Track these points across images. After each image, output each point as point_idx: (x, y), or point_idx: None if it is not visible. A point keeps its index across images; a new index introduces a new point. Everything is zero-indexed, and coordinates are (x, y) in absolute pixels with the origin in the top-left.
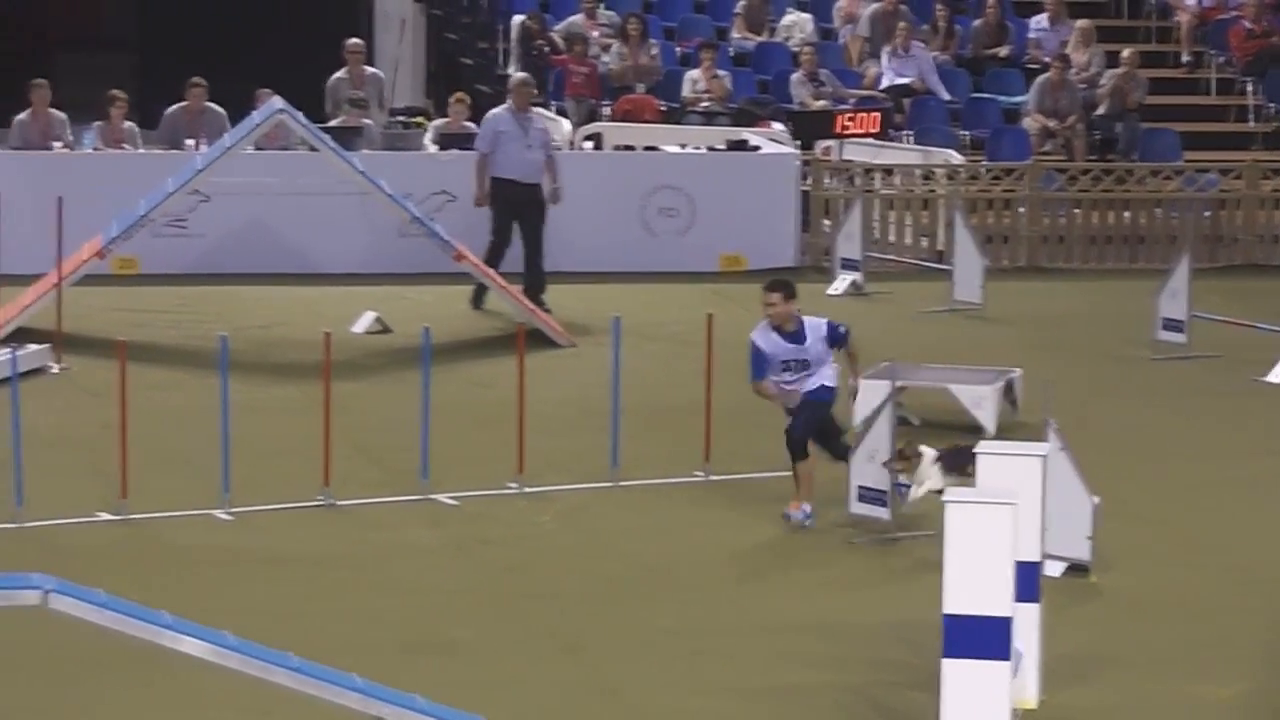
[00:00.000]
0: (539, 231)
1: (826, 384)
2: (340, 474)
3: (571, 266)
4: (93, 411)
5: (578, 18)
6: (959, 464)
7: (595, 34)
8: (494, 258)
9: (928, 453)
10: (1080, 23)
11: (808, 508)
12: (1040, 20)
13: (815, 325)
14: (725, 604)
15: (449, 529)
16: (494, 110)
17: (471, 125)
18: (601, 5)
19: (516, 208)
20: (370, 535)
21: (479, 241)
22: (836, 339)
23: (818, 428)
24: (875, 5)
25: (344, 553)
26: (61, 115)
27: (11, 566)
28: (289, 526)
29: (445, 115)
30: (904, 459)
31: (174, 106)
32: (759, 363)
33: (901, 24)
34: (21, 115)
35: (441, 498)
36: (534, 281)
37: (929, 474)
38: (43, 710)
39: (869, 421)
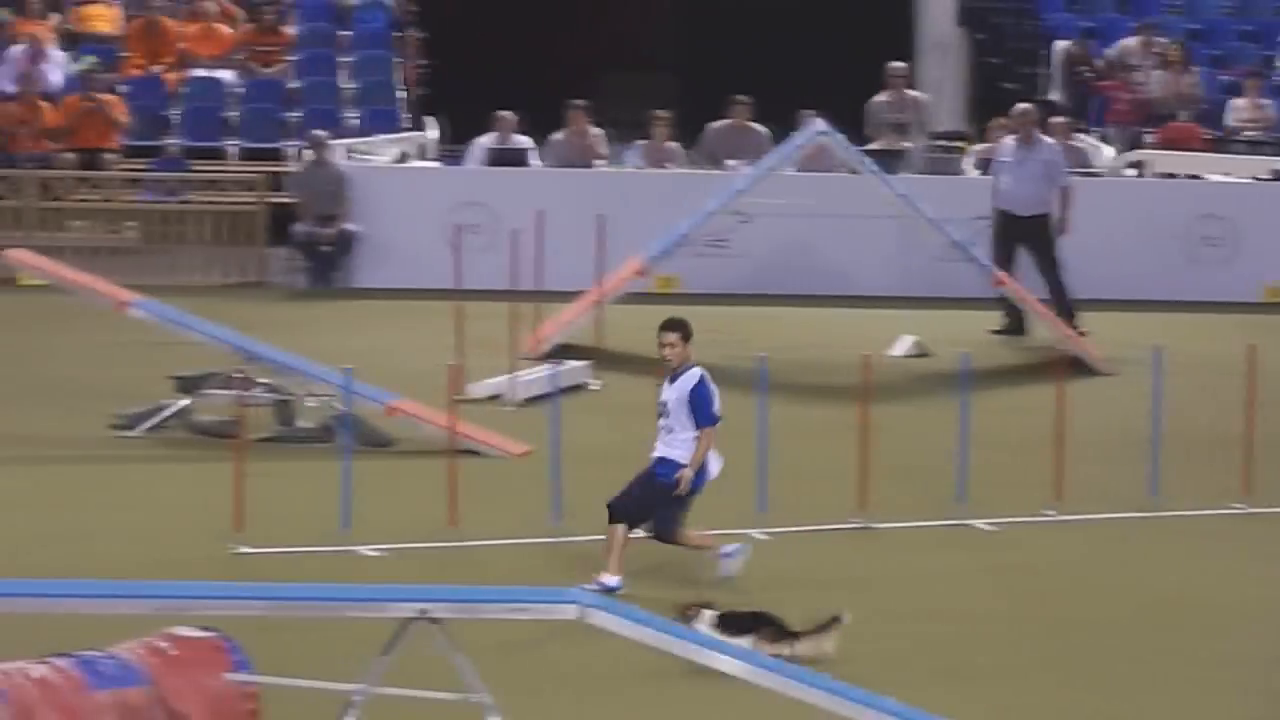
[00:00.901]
0: (1044, 262)
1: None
2: (876, 497)
3: (1112, 294)
4: (633, 429)
5: (1131, 41)
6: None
7: (1146, 62)
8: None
9: (706, 614)
10: None
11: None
12: None
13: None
14: (1256, 639)
15: (984, 554)
16: (1005, 139)
17: None
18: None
19: (1010, 239)
20: (905, 558)
21: (1022, 266)
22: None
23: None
24: None
25: (877, 575)
26: (600, 133)
27: (549, 580)
28: (824, 547)
29: (986, 140)
30: (684, 614)
31: (716, 123)
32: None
33: None
34: (558, 134)
35: (977, 523)
36: (1058, 310)
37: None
38: None
39: None
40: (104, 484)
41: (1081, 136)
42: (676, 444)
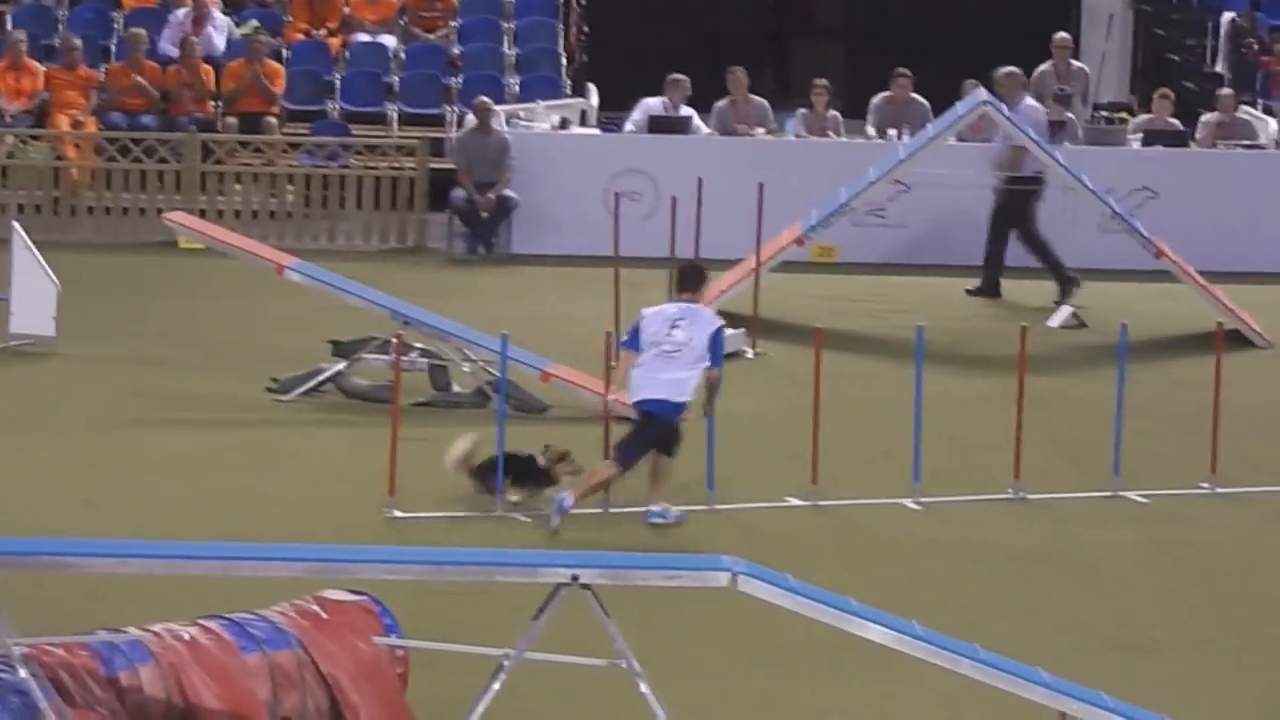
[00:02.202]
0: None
1: None
2: (1032, 468)
3: (1275, 267)
4: (788, 397)
5: None
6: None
7: None
8: None
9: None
10: None
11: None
12: None
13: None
14: None
15: (1143, 527)
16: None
17: (1175, 122)
18: None
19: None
20: (1062, 530)
21: (1182, 238)
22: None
23: None
24: None
25: (1034, 547)
26: (763, 102)
27: (702, 548)
28: (979, 518)
29: (1150, 111)
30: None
31: (879, 96)
32: None
33: None
34: (720, 102)
35: (1133, 495)
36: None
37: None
38: (731, 692)
39: None
40: (259, 448)
41: (1247, 109)
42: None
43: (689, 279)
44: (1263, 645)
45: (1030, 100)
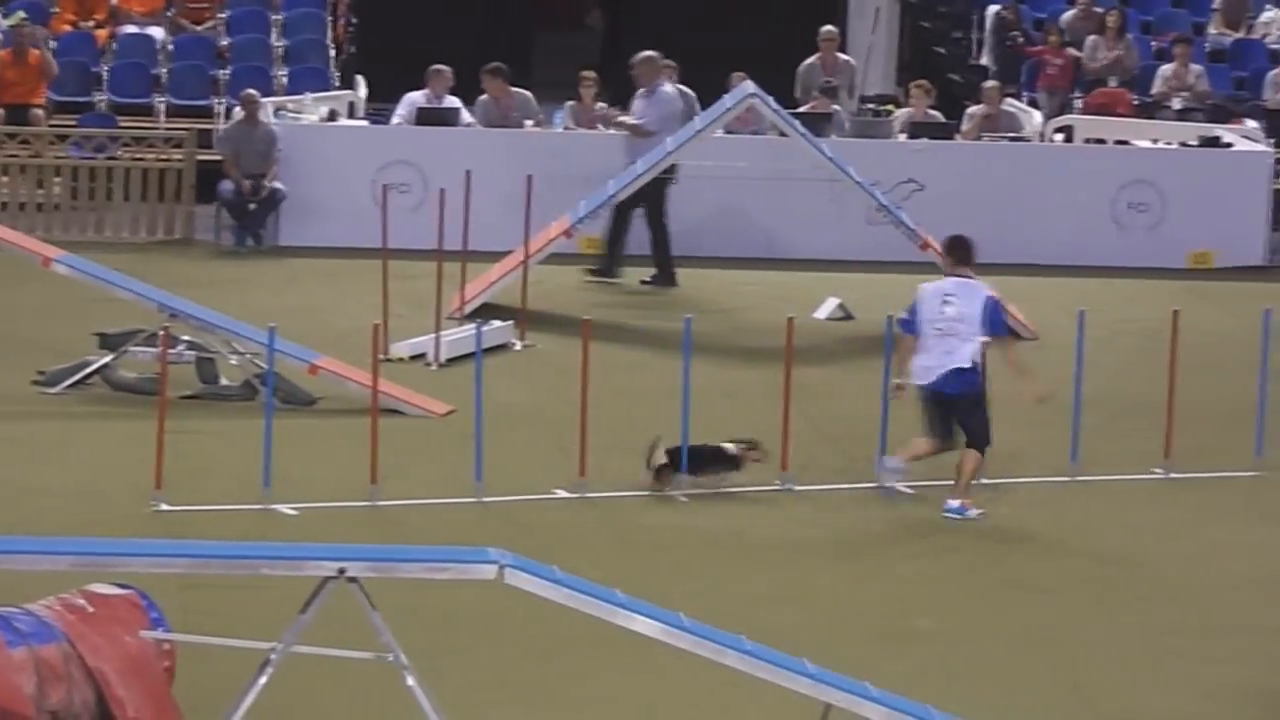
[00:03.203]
0: (652, 212)
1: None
2: (799, 459)
3: (1039, 259)
4: (556, 389)
5: (1069, 9)
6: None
7: (1081, 28)
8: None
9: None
10: None
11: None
12: None
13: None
14: (1187, 603)
15: (908, 517)
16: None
17: (936, 114)
18: None
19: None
20: (828, 520)
21: (947, 229)
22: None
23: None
24: None
25: (801, 537)
26: (526, 94)
27: (469, 540)
28: (746, 509)
29: (910, 104)
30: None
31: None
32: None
33: None
34: (483, 96)
35: (898, 485)
36: (659, 262)
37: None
38: (498, 684)
39: None
40: (26, 440)
41: (1012, 102)
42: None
43: (959, 250)
44: (1026, 632)
45: (668, 87)
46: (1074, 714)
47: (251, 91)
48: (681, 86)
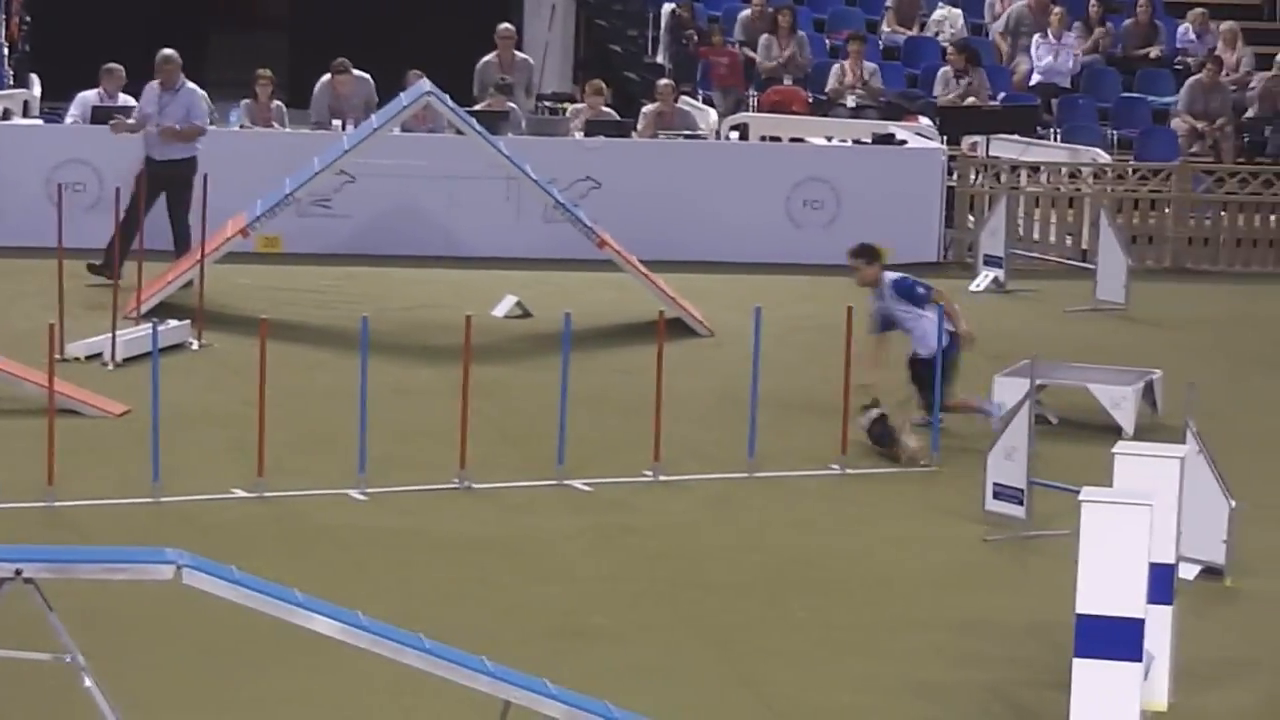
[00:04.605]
0: (175, 207)
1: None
2: (478, 457)
3: (716, 256)
4: (233, 389)
5: (746, 13)
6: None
7: (754, 26)
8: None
9: (873, 412)
10: (1225, 25)
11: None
12: (1186, 31)
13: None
14: (863, 599)
15: (587, 515)
16: (151, 85)
17: (610, 112)
18: None
19: (154, 185)
20: (507, 519)
21: (625, 227)
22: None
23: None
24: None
25: (479, 535)
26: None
27: (148, 541)
28: (425, 507)
29: (584, 101)
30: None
31: (320, 82)
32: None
33: (1056, 10)
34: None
35: (577, 483)
36: (179, 255)
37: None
38: (177, 684)
39: (1007, 419)
40: None
41: (687, 100)
42: (922, 332)
43: (867, 254)
44: (702, 629)
45: (190, 85)
46: (745, 709)
47: None
48: (359, 73)
